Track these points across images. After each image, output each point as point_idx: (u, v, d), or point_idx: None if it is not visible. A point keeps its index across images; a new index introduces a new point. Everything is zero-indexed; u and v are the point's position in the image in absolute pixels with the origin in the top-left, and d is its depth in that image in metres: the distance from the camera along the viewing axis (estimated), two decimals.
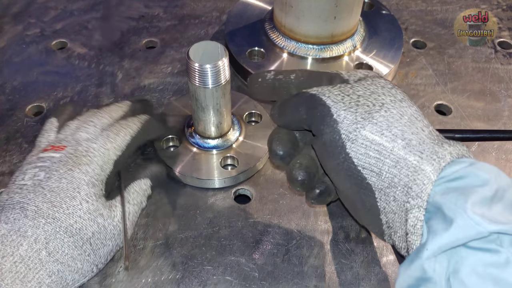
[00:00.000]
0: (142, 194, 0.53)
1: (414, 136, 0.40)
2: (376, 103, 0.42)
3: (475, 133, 0.57)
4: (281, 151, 0.47)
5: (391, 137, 0.40)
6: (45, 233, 0.44)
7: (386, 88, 0.44)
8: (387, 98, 0.42)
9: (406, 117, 0.41)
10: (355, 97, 0.43)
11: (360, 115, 0.41)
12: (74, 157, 0.49)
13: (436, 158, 0.38)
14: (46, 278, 0.44)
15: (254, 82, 0.50)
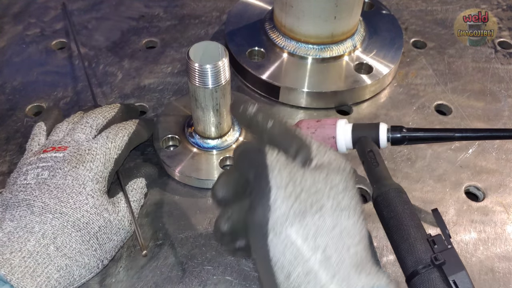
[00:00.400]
0: (139, 192, 0.55)
1: (336, 253, 0.37)
2: (314, 205, 0.39)
3: (475, 132, 0.57)
4: (221, 193, 0.44)
5: (313, 247, 0.37)
6: (53, 228, 0.45)
7: (336, 189, 0.40)
8: (330, 202, 0.39)
9: (338, 229, 0.38)
10: (299, 190, 0.39)
11: (293, 211, 0.38)
12: (78, 155, 0.51)
13: (343, 284, 0.36)
14: (55, 273, 0.44)
15: (236, 109, 0.48)
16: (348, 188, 0.41)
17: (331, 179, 0.41)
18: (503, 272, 0.52)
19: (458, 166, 0.62)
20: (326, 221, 0.38)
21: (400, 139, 0.56)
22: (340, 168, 0.42)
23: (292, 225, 0.38)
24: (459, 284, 0.43)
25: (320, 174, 0.41)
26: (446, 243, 0.46)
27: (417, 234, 0.46)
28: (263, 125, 0.46)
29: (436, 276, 0.44)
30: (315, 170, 0.41)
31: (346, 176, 0.42)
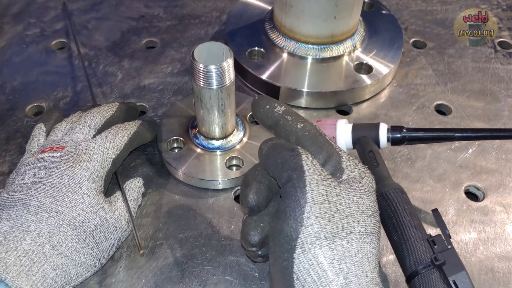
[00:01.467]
0: (137, 191, 0.55)
1: (356, 279, 0.38)
2: (345, 229, 0.39)
3: (475, 132, 0.57)
4: (254, 201, 0.43)
5: (336, 271, 0.38)
6: (49, 227, 0.45)
7: (366, 213, 0.41)
8: (359, 227, 0.40)
9: (361, 255, 0.39)
10: (334, 210, 0.39)
11: (325, 233, 0.38)
12: (75, 154, 0.51)
13: None
14: (51, 272, 0.44)
15: (260, 107, 0.47)
16: (376, 212, 0.42)
17: (363, 202, 0.41)
18: (503, 272, 0.52)
19: (458, 166, 0.62)
20: (353, 246, 0.39)
21: (400, 139, 0.56)
22: (371, 188, 0.43)
23: (321, 246, 0.38)
24: (459, 285, 0.43)
25: (354, 195, 0.41)
26: (446, 243, 0.46)
27: (417, 235, 0.46)
28: (292, 127, 0.45)
29: (436, 276, 0.44)
30: (349, 188, 0.41)
31: (375, 197, 0.43)
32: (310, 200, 0.39)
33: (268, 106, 0.47)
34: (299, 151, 0.42)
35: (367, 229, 0.40)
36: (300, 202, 0.39)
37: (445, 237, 0.46)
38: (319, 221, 0.39)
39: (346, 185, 0.41)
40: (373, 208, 0.42)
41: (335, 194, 0.40)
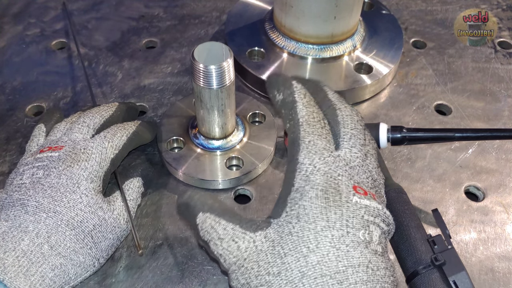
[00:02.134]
0: (136, 191, 0.55)
1: None
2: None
3: (475, 132, 0.57)
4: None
5: None
6: (47, 227, 0.45)
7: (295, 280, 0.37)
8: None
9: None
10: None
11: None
12: (73, 154, 0.51)
13: None
14: (49, 272, 0.44)
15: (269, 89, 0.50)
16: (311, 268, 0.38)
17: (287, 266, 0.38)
18: (503, 272, 0.52)
19: (458, 166, 0.62)
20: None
21: (400, 139, 0.56)
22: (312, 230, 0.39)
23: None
24: (459, 285, 0.43)
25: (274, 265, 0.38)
26: (446, 244, 0.46)
27: (417, 235, 0.46)
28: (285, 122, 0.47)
29: (436, 276, 0.44)
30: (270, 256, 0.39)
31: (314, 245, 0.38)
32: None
33: (271, 93, 0.49)
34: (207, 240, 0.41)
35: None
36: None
37: (445, 237, 0.47)
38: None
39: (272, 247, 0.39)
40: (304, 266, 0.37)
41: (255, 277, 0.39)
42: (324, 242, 0.38)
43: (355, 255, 0.38)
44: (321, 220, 0.39)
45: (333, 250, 0.38)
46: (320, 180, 0.41)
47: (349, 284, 0.37)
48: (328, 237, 0.38)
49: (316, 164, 0.41)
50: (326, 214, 0.39)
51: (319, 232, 0.38)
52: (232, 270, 0.40)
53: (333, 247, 0.38)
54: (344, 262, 0.37)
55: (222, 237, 0.40)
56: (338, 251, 0.38)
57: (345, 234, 0.38)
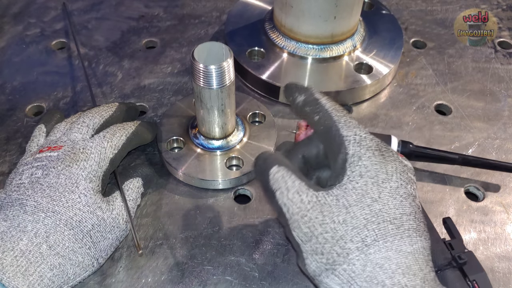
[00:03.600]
0: (136, 191, 0.55)
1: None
2: (341, 253, 0.40)
3: (479, 160, 0.59)
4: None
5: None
6: (45, 227, 0.45)
7: (358, 227, 0.40)
8: (354, 244, 0.40)
9: (369, 268, 0.39)
10: (323, 242, 0.41)
11: (324, 265, 0.41)
12: (72, 154, 0.51)
13: None
14: (48, 272, 0.44)
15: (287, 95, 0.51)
16: (374, 215, 0.41)
17: (352, 214, 0.41)
18: (503, 272, 0.52)
19: (458, 166, 0.62)
20: (355, 265, 0.40)
21: (408, 154, 0.58)
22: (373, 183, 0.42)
23: (327, 276, 0.41)
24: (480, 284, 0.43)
25: (339, 214, 0.41)
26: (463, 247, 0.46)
27: (431, 237, 0.47)
28: (311, 119, 0.48)
29: (456, 275, 0.44)
30: (335, 206, 0.41)
31: (379, 192, 0.42)
32: (300, 241, 0.42)
33: (290, 97, 0.50)
34: (273, 190, 0.43)
35: (365, 241, 0.40)
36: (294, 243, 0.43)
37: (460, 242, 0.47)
38: (314, 259, 0.41)
39: (336, 200, 0.42)
40: (369, 213, 0.41)
41: (319, 225, 0.41)
42: (384, 192, 0.42)
43: (407, 204, 0.42)
44: (382, 173, 0.42)
45: (391, 199, 0.41)
46: (371, 143, 0.44)
47: (404, 230, 0.40)
48: (387, 188, 0.42)
49: (361, 134, 0.45)
50: (385, 167, 0.43)
51: (381, 184, 0.42)
52: (294, 220, 0.42)
53: (391, 197, 0.42)
54: (400, 210, 0.41)
55: (289, 188, 0.43)
56: (395, 201, 0.41)
57: (399, 186, 0.42)
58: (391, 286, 0.38)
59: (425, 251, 0.41)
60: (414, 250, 0.40)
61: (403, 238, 0.40)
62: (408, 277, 0.39)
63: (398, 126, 0.66)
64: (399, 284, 0.38)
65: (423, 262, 0.40)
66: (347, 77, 0.68)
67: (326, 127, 0.46)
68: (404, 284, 0.38)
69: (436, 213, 0.56)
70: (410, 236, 0.40)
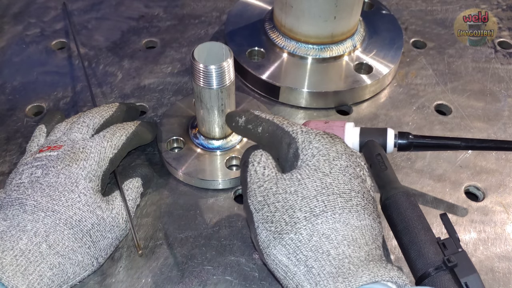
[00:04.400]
0: (136, 191, 0.55)
1: (316, 263, 0.40)
2: (289, 222, 0.42)
3: (480, 142, 0.57)
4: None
5: (296, 262, 0.41)
6: (45, 226, 0.45)
7: (308, 197, 0.42)
8: (302, 214, 0.42)
9: (315, 238, 0.41)
10: (273, 210, 0.43)
11: (272, 234, 0.42)
12: (72, 153, 0.51)
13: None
14: (48, 271, 0.44)
15: (230, 122, 0.54)
16: (325, 188, 0.43)
17: (304, 186, 0.43)
18: (503, 272, 0.52)
19: (458, 166, 0.62)
20: (302, 234, 0.41)
21: (407, 146, 0.56)
22: (323, 160, 0.45)
23: (275, 246, 0.42)
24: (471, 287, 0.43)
25: (292, 185, 0.44)
26: (456, 247, 0.46)
27: (426, 237, 0.46)
28: (255, 134, 0.50)
29: (447, 278, 0.43)
30: (289, 180, 0.44)
31: (330, 168, 0.44)
32: (252, 209, 0.45)
33: (233, 122, 0.53)
34: (247, 163, 0.48)
35: (313, 211, 0.42)
36: (248, 212, 0.46)
37: (455, 241, 0.46)
38: (265, 227, 0.43)
39: (291, 175, 0.44)
40: (319, 186, 0.43)
41: (272, 194, 0.44)
42: (335, 168, 0.44)
43: (355, 183, 0.44)
44: (332, 152, 0.45)
45: (341, 175, 0.44)
46: (318, 130, 0.48)
47: (352, 205, 0.42)
48: (338, 166, 0.45)
49: (306, 128, 0.48)
50: (335, 147, 0.46)
51: (332, 161, 0.45)
52: (252, 189, 0.45)
53: (341, 173, 0.44)
54: (349, 186, 0.44)
55: (260, 162, 0.47)
56: (345, 177, 0.44)
57: (349, 165, 0.45)
58: (336, 255, 0.39)
59: (374, 231, 0.43)
60: (361, 225, 0.42)
61: (351, 212, 0.42)
62: (353, 248, 0.40)
63: (398, 126, 0.66)
64: (343, 254, 0.40)
65: (370, 238, 0.42)
66: (347, 77, 0.68)
67: (271, 132, 0.49)
68: (348, 254, 0.40)
69: (435, 213, 0.56)
70: (358, 212, 0.42)
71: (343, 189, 0.43)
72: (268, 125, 0.49)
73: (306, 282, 0.40)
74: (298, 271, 0.40)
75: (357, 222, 0.42)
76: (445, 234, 0.48)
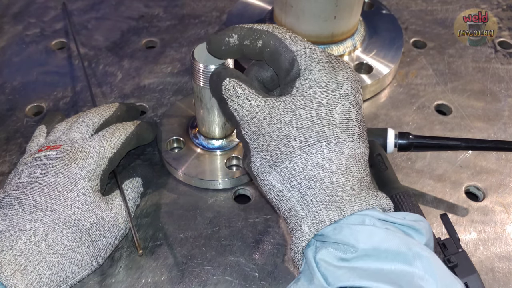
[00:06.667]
0: (135, 191, 0.55)
1: (310, 191, 0.41)
2: (284, 151, 0.42)
3: (481, 142, 0.58)
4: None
5: (290, 188, 0.42)
6: (44, 226, 0.45)
7: (303, 128, 0.42)
8: (297, 144, 0.42)
9: (310, 167, 0.41)
10: (268, 140, 0.43)
11: (267, 162, 0.43)
12: (71, 152, 0.51)
13: (315, 220, 0.40)
14: (47, 270, 0.44)
15: (218, 46, 0.48)
16: (320, 118, 0.43)
17: (297, 117, 0.43)
18: (503, 272, 0.52)
19: (458, 166, 0.62)
20: (297, 163, 0.42)
21: (407, 146, 0.56)
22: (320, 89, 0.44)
23: (270, 173, 0.43)
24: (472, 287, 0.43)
25: (286, 115, 0.43)
26: (457, 247, 0.46)
27: None
28: (254, 48, 0.47)
29: None
30: (283, 109, 0.43)
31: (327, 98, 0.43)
32: (248, 139, 0.45)
33: (223, 46, 0.48)
34: (223, 99, 0.46)
35: (308, 141, 0.42)
36: (244, 143, 0.45)
37: (455, 241, 0.46)
38: (260, 155, 0.44)
39: (284, 104, 0.43)
40: (315, 115, 0.43)
41: (266, 124, 0.43)
42: (333, 99, 0.43)
43: (354, 111, 0.44)
44: (332, 83, 0.44)
45: (339, 106, 0.43)
46: (322, 56, 0.45)
47: (349, 134, 0.43)
48: (337, 96, 0.44)
49: (310, 47, 0.46)
50: (336, 77, 0.44)
51: (330, 92, 0.44)
52: (244, 121, 0.44)
53: (339, 103, 0.43)
54: (347, 115, 0.43)
55: (239, 95, 0.45)
56: (343, 107, 0.43)
57: (349, 93, 0.44)
58: (329, 184, 0.40)
59: (365, 157, 0.44)
60: (356, 154, 0.42)
61: (347, 141, 0.42)
62: (346, 177, 0.41)
63: (398, 126, 0.66)
64: (337, 183, 0.41)
65: (362, 166, 0.43)
66: None
67: (272, 47, 0.46)
68: (342, 183, 0.41)
69: (436, 213, 0.56)
70: (354, 141, 0.43)
71: (340, 119, 0.43)
72: (269, 38, 0.46)
73: (299, 207, 0.41)
74: (291, 196, 0.42)
75: (352, 151, 0.42)
76: (445, 234, 0.48)
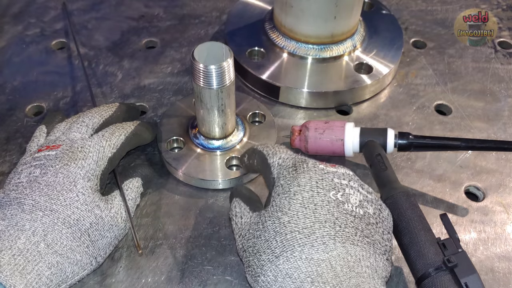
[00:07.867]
0: (135, 191, 0.55)
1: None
2: (258, 265, 0.43)
3: (481, 142, 0.58)
4: None
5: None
6: (43, 225, 0.45)
7: (270, 239, 0.43)
8: (267, 256, 0.43)
9: (280, 279, 0.41)
10: (248, 255, 0.45)
11: (251, 277, 0.45)
12: (70, 152, 0.51)
13: None
14: (46, 270, 0.44)
15: (241, 164, 0.57)
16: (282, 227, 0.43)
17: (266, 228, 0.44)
18: (503, 272, 0.52)
19: (458, 166, 0.62)
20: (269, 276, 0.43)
21: (407, 146, 0.56)
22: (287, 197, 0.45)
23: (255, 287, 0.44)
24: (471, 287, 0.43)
25: (257, 229, 0.45)
26: (456, 247, 0.46)
27: (426, 237, 0.46)
28: (254, 166, 0.54)
29: (447, 278, 0.43)
30: (255, 224, 0.46)
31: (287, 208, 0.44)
32: (241, 257, 0.48)
33: (242, 163, 0.56)
34: (230, 218, 0.51)
35: (274, 252, 0.42)
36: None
37: (455, 241, 0.46)
38: (247, 270, 0.45)
39: (259, 217, 0.46)
40: (278, 226, 0.43)
41: (246, 240, 0.46)
42: (295, 204, 0.44)
43: (322, 212, 0.43)
44: (294, 186, 0.45)
45: (302, 209, 0.43)
46: (290, 162, 0.48)
47: (316, 237, 0.41)
48: (299, 199, 0.44)
49: (284, 156, 0.50)
50: (297, 180, 0.45)
51: (292, 196, 0.44)
52: (236, 239, 0.48)
53: (302, 207, 0.43)
54: (311, 218, 0.43)
55: (237, 214, 0.49)
56: (306, 210, 0.43)
57: (315, 194, 0.44)
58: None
59: (351, 258, 0.41)
60: (330, 257, 0.40)
61: (314, 246, 0.41)
62: (317, 285, 0.39)
63: (398, 126, 0.66)
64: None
65: (342, 268, 0.40)
66: (347, 77, 0.68)
67: (260, 163, 0.52)
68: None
69: (436, 213, 0.56)
70: (325, 243, 0.41)
71: (303, 224, 0.42)
72: (259, 156, 0.52)
73: None
74: None
75: (324, 255, 0.41)
76: (445, 234, 0.48)
